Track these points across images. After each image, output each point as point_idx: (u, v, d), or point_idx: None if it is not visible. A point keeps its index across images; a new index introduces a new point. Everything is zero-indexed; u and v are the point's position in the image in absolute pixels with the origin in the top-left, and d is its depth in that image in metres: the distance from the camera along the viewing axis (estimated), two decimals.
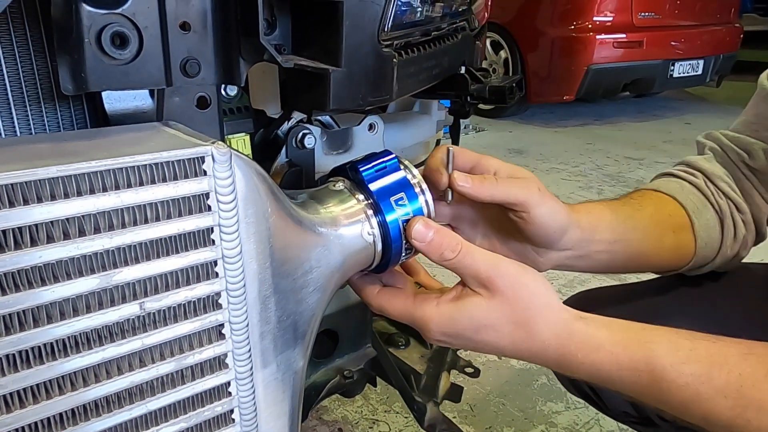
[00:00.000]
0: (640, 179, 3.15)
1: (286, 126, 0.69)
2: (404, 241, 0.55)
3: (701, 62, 4.47)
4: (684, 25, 4.34)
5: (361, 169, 0.54)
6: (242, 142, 0.63)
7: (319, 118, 0.72)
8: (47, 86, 0.49)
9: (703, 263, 0.75)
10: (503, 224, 0.63)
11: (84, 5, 0.43)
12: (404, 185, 0.55)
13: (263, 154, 0.68)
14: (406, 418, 1.45)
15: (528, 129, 4.45)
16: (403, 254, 0.57)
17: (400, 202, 0.54)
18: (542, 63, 4.28)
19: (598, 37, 4.05)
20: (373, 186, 0.53)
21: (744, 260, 0.78)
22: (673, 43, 4.29)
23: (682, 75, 4.41)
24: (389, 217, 0.53)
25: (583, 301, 0.85)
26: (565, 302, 0.86)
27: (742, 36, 4.75)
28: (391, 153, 0.57)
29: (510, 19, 4.38)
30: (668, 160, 3.38)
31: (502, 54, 4.52)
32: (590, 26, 4.08)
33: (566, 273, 2.09)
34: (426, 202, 0.55)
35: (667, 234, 0.71)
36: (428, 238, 0.53)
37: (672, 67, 4.32)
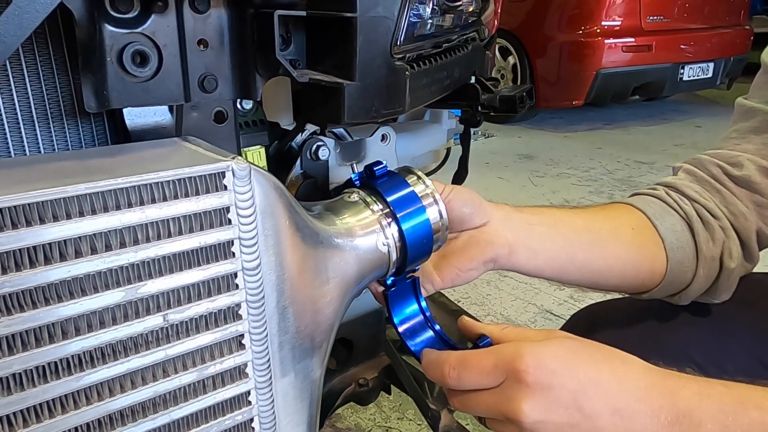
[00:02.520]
0: (650, 183, 3.13)
1: (300, 138, 0.70)
2: (418, 250, 0.56)
3: (711, 65, 4.45)
4: (693, 28, 4.33)
5: (375, 181, 0.55)
6: (258, 154, 0.64)
7: (333, 129, 0.73)
8: (69, 104, 0.51)
9: (683, 276, 0.68)
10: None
11: (106, 25, 0.45)
12: (417, 195, 0.56)
13: (278, 166, 0.69)
14: (419, 425, 1.45)
15: (537, 134, 4.44)
16: (417, 264, 0.57)
17: (414, 212, 0.55)
18: (551, 68, 4.28)
19: (606, 41, 4.04)
20: (389, 197, 0.54)
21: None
22: (682, 46, 4.27)
23: (692, 78, 4.39)
24: (404, 227, 0.54)
25: (594, 315, 0.85)
26: (575, 315, 0.86)
27: (752, 38, 4.73)
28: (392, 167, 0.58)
29: (518, 24, 4.39)
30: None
31: (511, 60, 4.52)
32: (599, 31, 4.07)
33: None
34: (439, 211, 0.56)
35: (622, 229, 0.65)
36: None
37: (682, 71, 4.31)
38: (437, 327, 0.57)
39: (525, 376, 0.44)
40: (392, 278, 0.57)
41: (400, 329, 0.57)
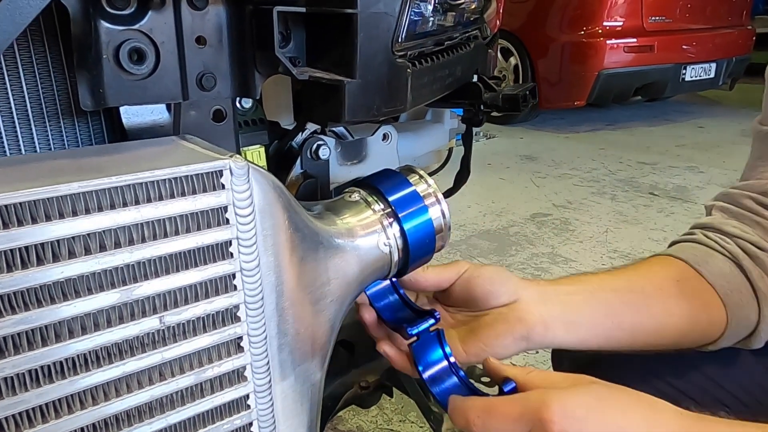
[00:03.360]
0: (653, 184, 3.12)
1: (300, 137, 0.69)
2: (421, 250, 0.55)
3: (713, 65, 4.43)
4: (695, 28, 4.32)
5: (377, 181, 0.55)
6: (257, 154, 0.63)
7: (333, 129, 0.72)
8: (66, 102, 0.50)
9: (746, 319, 0.63)
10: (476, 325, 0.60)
11: (102, 22, 0.44)
12: (419, 195, 0.55)
13: (278, 165, 0.68)
14: (421, 427, 1.44)
15: (539, 135, 4.44)
16: (419, 264, 0.57)
17: (416, 212, 0.54)
18: (553, 69, 4.27)
19: (608, 42, 4.03)
20: (390, 196, 0.53)
21: None
22: (684, 46, 4.26)
23: (694, 78, 4.38)
24: (406, 227, 0.53)
25: None
26: None
27: (754, 38, 4.72)
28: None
29: (519, 25, 4.38)
30: (681, 165, 3.35)
31: (512, 60, 4.52)
32: (600, 31, 4.06)
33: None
34: (442, 211, 0.55)
35: (669, 285, 0.61)
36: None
37: (684, 71, 4.30)
38: (462, 373, 0.56)
39: (552, 426, 0.43)
40: (416, 330, 0.56)
41: (425, 375, 0.56)
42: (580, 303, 0.60)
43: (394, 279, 0.57)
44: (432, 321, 0.56)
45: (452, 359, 0.56)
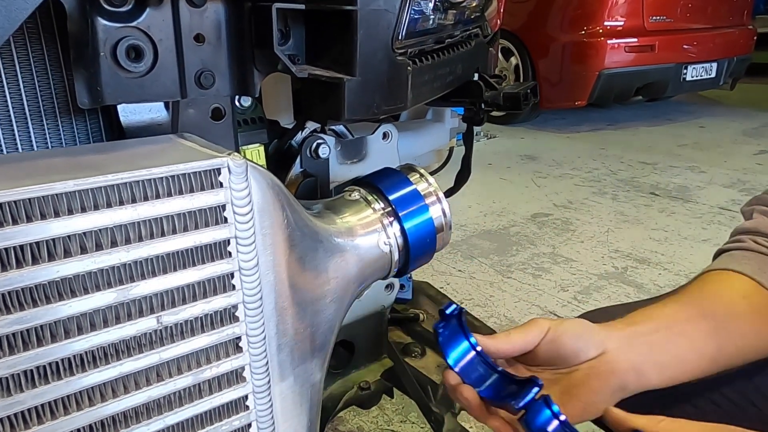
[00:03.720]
0: (654, 184, 3.11)
1: (299, 136, 0.68)
2: (422, 250, 0.54)
3: (714, 65, 4.42)
4: (696, 28, 4.31)
5: (377, 180, 0.54)
6: (257, 152, 0.63)
7: (333, 127, 0.72)
8: (63, 100, 0.49)
9: None
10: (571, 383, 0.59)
11: (99, 19, 0.43)
12: (420, 193, 0.54)
13: (277, 164, 0.68)
14: (422, 428, 1.44)
15: (540, 135, 4.43)
16: (420, 264, 0.56)
17: (416, 211, 0.53)
18: (553, 69, 4.26)
19: (609, 41, 4.02)
20: (391, 195, 0.53)
21: None
22: (685, 46, 4.25)
23: (695, 78, 4.37)
24: (406, 226, 0.53)
25: (597, 319, 0.83)
26: (579, 317, 0.84)
27: (755, 38, 4.71)
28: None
29: (520, 25, 4.38)
30: (682, 164, 3.35)
31: (513, 60, 4.51)
32: (601, 31, 4.05)
33: (581, 280, 2.07)
34: (442, 210, 0.55)
35: (740, 303, 0.62)
36: None
37: (685, 71, 4.28)
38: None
39: None
40: (523, 402, 0.52)
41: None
42: (663, 342, 0.59)
43: (479, 349, 0.55)
44: (536, 389, 0.53)
45: (562, 417, 0.54)
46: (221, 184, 0.39)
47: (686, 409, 0.66)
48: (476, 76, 0.78)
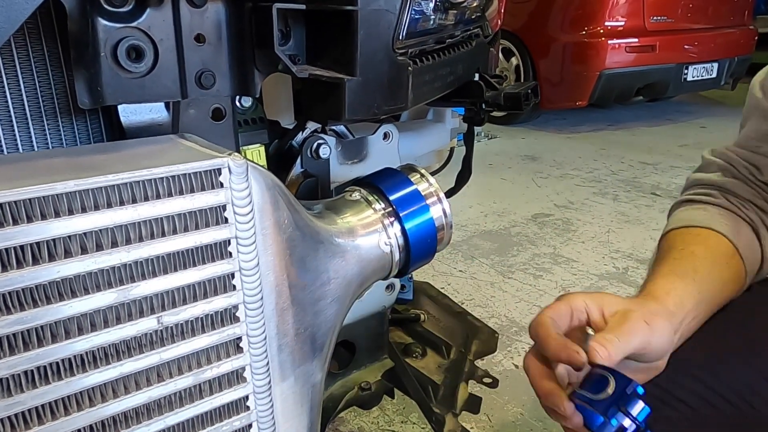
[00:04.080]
0: (655, 184, 3.11)
1: (300, 136, 0.68)
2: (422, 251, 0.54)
3: (715, 65, 4.42)
4: (697, 28, 4.30)
5: (378, 180, 0.54)
6: (257, 153, 0.63)
7: (334, 127, 0.72)
8: (64, 101, 0.49)
9: (753, 277, 0.75)
10: None
11: (100, 19, 0.43)
12: (421, 194, 0.54)
13: (278, 164, 0.67)
14: (422, 429, 1.43)
15: (541, 135, 4.43)
16: (420, 265, 0.56)
17: (417, 211, 0.53)
18: (554, 69, 4.26)
19: (610, 42, 4.02)
20: (391, 195, 0.53)
21: None
22: (686, 46, 4.25)
23: (696, 78, 4.36)
24: (407, 226, 0.52)
25: None
26: None
27: (756, 38, 4.70)
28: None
29: (521, 25, 4.37)
30: (684, 165, 3.34)
31: (513, 61, 4.51)
32: (602, 31, 4.05)
33: (582, 280, 2.07)
34: (443, 210, 0.55)
35: (725, 270, 0.70)
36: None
37: (686, 71, 4.28)
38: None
39: None
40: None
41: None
42: (686, 332, 0.65)
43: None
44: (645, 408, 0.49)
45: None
46: (222, 185, 0.39)
47: (683, 411, 0.66)
48: (477, 77, 0.78)
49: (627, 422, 0.47)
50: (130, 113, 0.50)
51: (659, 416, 0.68)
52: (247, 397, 0.44)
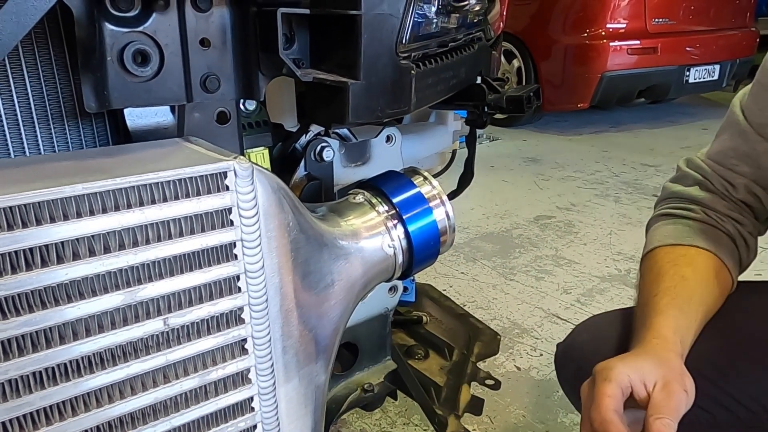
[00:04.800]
0: (657, 186, 3.11)
1: (304, 139, 0.69)
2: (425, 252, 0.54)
3: (717, 67, 4.42)
4: (699, 30, 4.30)
5: (381, 183, 0.54)
6: (261, 156, 0.63)
7: (337, 130, 0.72)
8: (70, 104, 0.50)
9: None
10: None
11: (107, 24, 0.44)
12: (424, 196, 0.54)
13: (282, 167, 0.68)
14: (424, 430, 1.44)
15: (542, 137, 4.43)
16: (424, 267, 0.56)
17: (420, 213, 0.54)
18: (556, 71, 4.26)
19: (611, 44, 4.02)
20: (394, 198, 0.53)
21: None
22: (688, 48, 4.25)
23: (698, 80, 4.36)
24: (411, 228, 0.53)
25: (594, 327, 0.84)
26: (578, 326, 0.86)
27: (758, 40, 4.70)
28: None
29: (522, 27, 4.38)
30: None
31: (515, 63, 4.51)
32: (603, 33, 4.05)
33: (584, 282, 2.07)
34: (446, 212, 0.55)
35: (715, 288, 0.73)
36: None
37: (687, 73, 4.28)
38: None
39: None
40: None
41: None
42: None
43: None
44: None
45: None
46: (227, 188, 0.39)
47: (699, 416, 0.66)
48: (479, 79, 0.78)
49: None
50: (135, 117, 0.51)
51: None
52: (252, 399, 0.45)
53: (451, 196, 0.92)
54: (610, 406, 0.56)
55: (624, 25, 4.07)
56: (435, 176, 0.92)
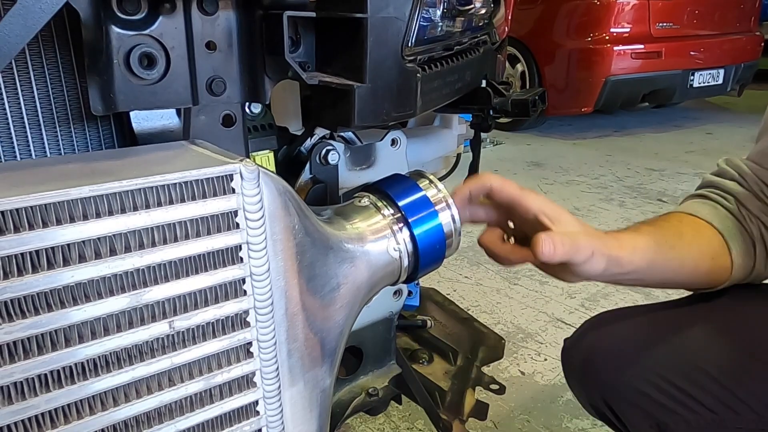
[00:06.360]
0: (661, 190, 3.11)
1: (309, 142, 0.69)
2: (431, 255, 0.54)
3: (722, 71, 4.41)
4: (703, 34, 4.30)
5: (386, 186, 0.54)
6: (266, 159, 0.63)
7: (342, 134, 0.72)
8: (76, 107, 0.50)
9: (733, 284, 0.76)
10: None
11: (113, 27, 0.44)
12: (430, 200, 0.54)
13: (287, 170, 0.68)
14: None
15: (546, 141, 4.42)
16: (429, 270, 0.56)
17: (426, 217, 0.53)
18: (559, 75, 4.26)
19: (615, 48, 4.02)
20: (400, 201, 0.53)
21: None
22: (692, 52, 4.24)
23: (702, 85, 4.36)
24: (416, 232, 0.53)
25: (602, 322, 0.83)
26: (586, 322, 0.85)
27: (762, 44, 4.69)
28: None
29: (526, 32, 4.38)
30: (690, 171, 3.34)
31: (519, 67, 4.51)
32: (607, 38, 4.05)
33: (588, 286, 2.07)
34: (452, 216, 0.55)
35: (705, 261, 0.73)
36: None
37: (692, 77, 4.27)
38: None
39: None
40: None
41: None
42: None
43: None
44: None
45: None
46: (233, 190, 0.39)
47: (705, 416, 0.66)
48: (484, 83, 0.78)
49: None
50: (141, 119, 0.51)
51: (679, 419, 0.68)
52: (257, 402, 0.44)
53: None
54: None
55: (628, 30, 4.07)
56: (440, 180, 0.92)
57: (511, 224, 0.67)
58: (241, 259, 0.41)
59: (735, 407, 0.66)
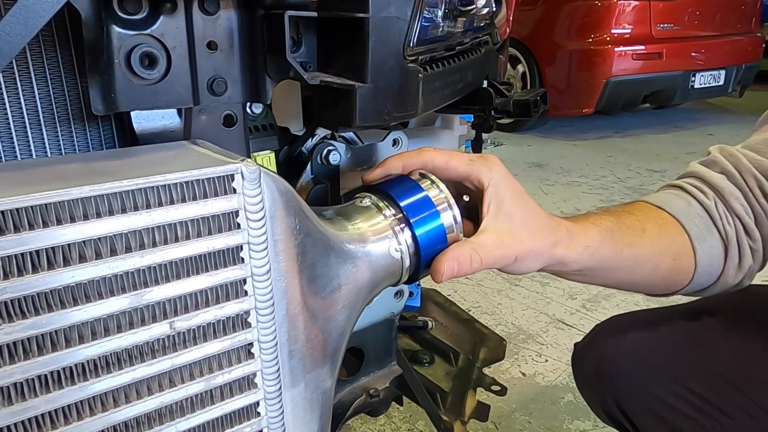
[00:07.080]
0: None
1: (310, 143, 0.69)
2: (432, 256, 0.54)
3: (723, 72, 4.41)
4: (704, 35, 4.30)
5: (388, 186, 0.54)
6: (267, 159, 0.63)
7: (343, 134, 0.72)
8: (77, 107, 0.50)
9: (699, 289, 0.71)
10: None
11: (114, 27, 0.44)
12: (432, 201, 0.54)
13: (288, 171, 0.68)
14: None
15: (547, 142, 4.42)
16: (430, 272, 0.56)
17: (427, 217, 0.53)
18: (560, 76, 4.26)
19: (616, 49, 4.02)
20: (402, 202, 0.53)
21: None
22: (693, 53, 4.24)
23: (703, 86, 4.36)
24: (418, 232, 0.52)
25: (614, 327, 0.83)
26: (597, 326, 0.85)
27: (764, 45, 4.69)
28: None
29: (527, 33, 4.38)
30: None
31: (520, 68, 4.51)
32: (608, 39, 4.06)
33: (589, 288, 2.06)
34: (453, 216, 0.55)
35: (665, 261, 0.67)
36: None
37: (693, 78, 4.28)
38: None
39: None
40: None
41: None
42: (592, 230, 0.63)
43: None
44: None
45: None
46: (234, 190, 0.39)
47: (721, 421, 0.65)
48: (486, 83, 0.78)
49: None
50: (142, 119, 0.51)
51: (696, 425, 0.67)
52: (257, 403, 0.44)
53: None
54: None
55: (629, 31, 4.07)
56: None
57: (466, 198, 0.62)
58: (242, 259, 0.40)
59: (752, 412, 0.65)
